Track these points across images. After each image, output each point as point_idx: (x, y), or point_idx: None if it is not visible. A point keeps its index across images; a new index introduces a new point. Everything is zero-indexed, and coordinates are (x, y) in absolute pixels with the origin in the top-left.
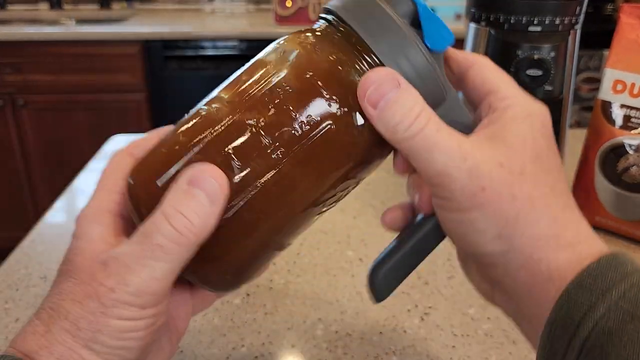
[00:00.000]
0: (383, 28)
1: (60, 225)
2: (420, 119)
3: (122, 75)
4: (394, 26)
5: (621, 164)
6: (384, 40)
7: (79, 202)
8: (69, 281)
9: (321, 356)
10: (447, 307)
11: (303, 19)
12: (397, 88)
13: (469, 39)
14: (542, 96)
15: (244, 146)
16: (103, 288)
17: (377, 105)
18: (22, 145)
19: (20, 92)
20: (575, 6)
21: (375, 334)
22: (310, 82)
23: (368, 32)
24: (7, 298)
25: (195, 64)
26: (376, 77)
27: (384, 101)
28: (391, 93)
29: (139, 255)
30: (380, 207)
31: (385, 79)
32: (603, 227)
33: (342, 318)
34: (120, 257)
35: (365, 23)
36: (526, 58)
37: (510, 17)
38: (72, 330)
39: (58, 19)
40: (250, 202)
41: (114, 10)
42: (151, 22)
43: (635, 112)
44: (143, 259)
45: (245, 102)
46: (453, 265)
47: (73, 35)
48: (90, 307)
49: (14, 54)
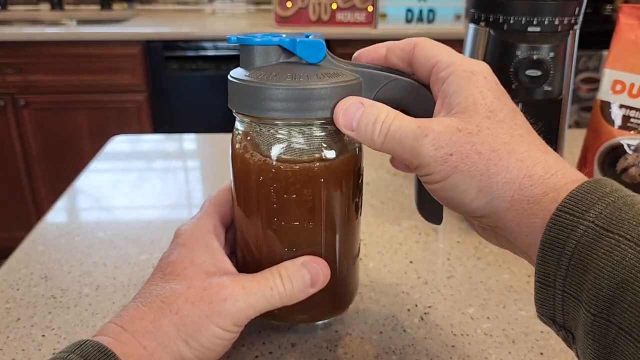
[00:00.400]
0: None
1: (61, 225)
2: (385, 122)
3: (122, 76)
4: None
5: (620, 164)
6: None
7: (80, 202)
8: (181, 284)
9: (321, 355)
10: (446, 306)
11: (303, 19)
12: (361, 108)
13: (468, 39)
14: (541, 96)
15: (304, 234)
16: (218, 296)
17: (351, 127)
18: (23, 145)
19: (21, 92)
20: (575, 7)
21: (375, 333)
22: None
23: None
24: (8, 297)
25: (196, 64)
26: (341, 106)
27: (354, 122)
28: (357, 114)
29: (255, 288)
30: (380, 207)
31: (350, 105)
32: None
33: (342, 317)
34: (239, 280)
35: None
36: (525, 58)
37: (509, 18)
38: (178, 325)
39: (59, 20)
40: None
41: (114, 11)
42: (152, 22)
43: (634, 113)
44: (257, 292)
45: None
46: (452, 265)
47: (74, 36)
48: (200, 309)
49: (15, 55)
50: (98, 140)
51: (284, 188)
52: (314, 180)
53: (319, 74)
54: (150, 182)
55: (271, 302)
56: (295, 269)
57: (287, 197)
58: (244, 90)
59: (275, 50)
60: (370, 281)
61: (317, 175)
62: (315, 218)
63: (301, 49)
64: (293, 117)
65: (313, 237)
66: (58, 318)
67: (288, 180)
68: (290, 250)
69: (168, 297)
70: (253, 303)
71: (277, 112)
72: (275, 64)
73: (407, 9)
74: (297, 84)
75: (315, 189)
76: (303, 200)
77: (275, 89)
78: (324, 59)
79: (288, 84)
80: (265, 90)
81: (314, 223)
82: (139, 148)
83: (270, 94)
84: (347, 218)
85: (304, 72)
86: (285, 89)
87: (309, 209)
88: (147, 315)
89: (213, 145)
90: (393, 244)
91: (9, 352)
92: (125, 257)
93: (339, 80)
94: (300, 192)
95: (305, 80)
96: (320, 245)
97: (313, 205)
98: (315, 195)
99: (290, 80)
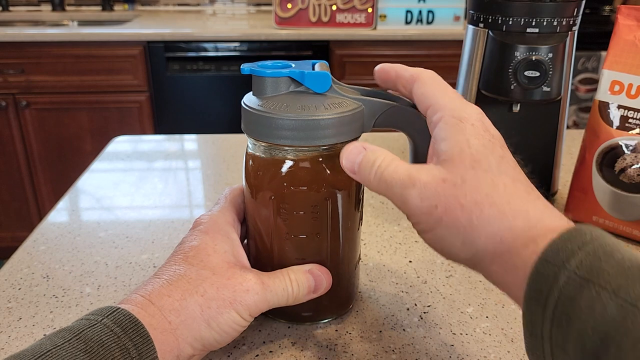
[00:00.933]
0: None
1: (63, 225)
2: (380, 167)
3: (124, 76)
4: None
5: (619, 164)
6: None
7: (82, 202)
8: (206, 269)
9: (321, 355)
10: (445, 306)
11: (303, 20)
12: (362, 153)
13: (467, 40)
14: (540, 97)
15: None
16: (241, 287)
17: (353, 170)
18: (25, 145)
19: (23, 92)
20: (573, 8)
21: (374, 332)
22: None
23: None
24: (10, 297)
25: (197, 65)
26: (346, 150)
27: (356, 165)
28: (358, 158)
29: (272, 286)
30: (379, 207)
31: (352, 149)
32: (601, 227)
33: (342, 317)
34: (260, 276)
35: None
36: (524, 59)
37: (508, 19)
38: (203, 306)
39: (60, 21)
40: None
41: (116, 12)
42: (153, 23)
43: (633, 113)
44: (272, 290)
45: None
46: (451, 264)
47: (75, 37)
48: (224, 294)
49: (16, 55)
50: (99, 140)
51: (292, 205)
52: (320, 198)
53: (325, 104)
54: (151, 183)
55: (281, 301)
56: (302, 274)
57: (295, 213)
58: (258, 119)
59: (285, 81)
60: (370, 281)
61: (322, 194)
62: (322, 230)
63: (309, 81)
64: (302, 145)
65: (320, 246)
66: (59, 317)
67: (296, 197)
68: (300, 258)
69: (194, 279)
70: (268, 298)
71: (288, 140)
72: (285, 94)
73: (407, 10)
74: (307, 114)
75: (322, 206)
76: (311, 217)
77: (287, 120)
78: (329, 89)
79: (298, 115)
80: (278, 120)
81: (320, 235)
82: (140, 148)
83: (282, 124)
84: (351, 228)
85: (312, 103)
86: (295, 120)
87: (315, 223)
88: (173, 293)
89: (214, 145)
90: (392, 243)
91: (11, 352)
92: (126, 256)
93: (343, 111)
94: (307, 209)
95: (314, 110)
96: (326, 253)
97: (320, 219)
98: (321, 211)
99: (300, 111)
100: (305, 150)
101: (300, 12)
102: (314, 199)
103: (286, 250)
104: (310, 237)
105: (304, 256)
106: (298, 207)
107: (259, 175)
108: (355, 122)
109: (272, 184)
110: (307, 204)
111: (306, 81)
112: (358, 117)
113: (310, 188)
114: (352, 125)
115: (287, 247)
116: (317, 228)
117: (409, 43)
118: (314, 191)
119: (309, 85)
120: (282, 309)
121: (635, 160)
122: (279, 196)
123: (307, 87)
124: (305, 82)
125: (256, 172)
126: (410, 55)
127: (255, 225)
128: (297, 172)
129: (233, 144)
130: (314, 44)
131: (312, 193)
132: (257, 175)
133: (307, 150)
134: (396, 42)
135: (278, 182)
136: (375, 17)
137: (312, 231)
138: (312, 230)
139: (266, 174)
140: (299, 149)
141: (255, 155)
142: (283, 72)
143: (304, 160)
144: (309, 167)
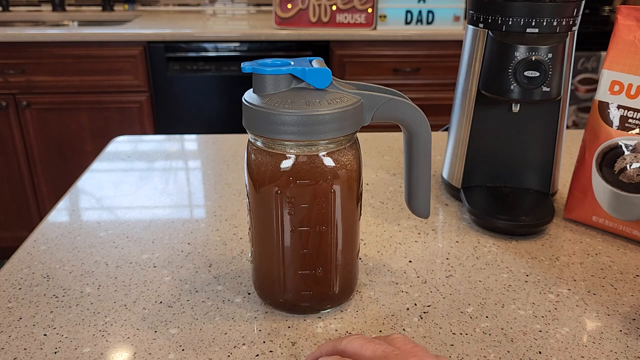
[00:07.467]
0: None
1: (63, 225)
2: None
3: (124, 77)
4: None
5: (618, 164)
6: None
7: (82, 202)
8: None
9: None
10: (445, 305)
11: (303, 20)
12: None
13: (467, 40)
14: (539, 97)
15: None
16: None
17: None
18: (25, 145)
19: (23, 93)
20: (573, 8)
21: (374, 332)
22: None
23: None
24: (10, 297)
25: (197, 65)
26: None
27: None
28: None
29: None
30: (379, 207)
31: None
32: (600, 227)
33: (342, 316)
34: None
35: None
36: (524, 59)
37: (508, 19)
38: None
39: (61, 21)
40: None
41: (116, 12)
42: (153, 24)
43: (633, 113)
44: None
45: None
46: (451, 264)
47: (76, 37)
48: None
49: (17, 55)
50: (100, 140)
51: (297, 198)
52: (324, 190)
53: (327, 99)
54: (152, 183)
55: None
56: None
57: (300, 206)
58: (265, 117)
59: (285, 78)
60: (370, 280)
61: (326, 186)
62: (326, 222)
63: (311, 77)
64: (307, 139)
65: (323, 238)
66: (60, 317)
67: (301, 191)
68: (303, 250)
69: None
70: None
71: (294, 135)
72: (287, 90)
73: (407, 10)
74: (312, 110)
75: (326, 198)
76: (315, 209)
77: (294, 116)
78: (329, 84)
79: (303, 111)
80: (284, 116)
81: (324, 226)
82: (140, 148)
83: (288, 120)
84: (352, 220)
85: (315, 99)
86: (301, 116)
87: (319, 215)
88: None
89: (214, 145)
90: (392, 243)
91: (11, 351)
92: (126, 256)
93: (345, 105)
94: (311, 202)
95: (317, 106)
96: (329, 244)
97: (324, 211)
98: (325, 204)
99: (305, 107)
100: (309, 144)
101: (300, 13)
102: (318, 192)
103: (290, 242)
104: (314, 229)
105: (307, 247)
106: (302, 200)
107: (262, 171)
108: (356, 116)
109: (277, 178)
110: (311, 197)
111: (307, 77)
112: (358, 110)
113: (315, 181)
114: (354, 118)
115: (291, 239)
116: (321, 220)
117: (409, 43)
118: (318, 184)
119: (310, 82)
120: (280, 299)
121: (635, 160)
122: (284, 190)
123: (308, 84)
124: (307, 78)
125: (259, 167)
126: (410, 55)
127: (259, 218)
128: (301, 166)
129: (233, 144)
130: (314, 44)
131: (316, 186)
132: (260, 170)
133: (312, 145)
134: (396, 42)
135: (283, 177)
136: (375, 17)
137: (316, 223)
138: (316, 222)
139: (270, 168)
140: (303, 144)
141: (259, 150)
142: (284, 69)
143: (308, 155)
144: (313, 161)
